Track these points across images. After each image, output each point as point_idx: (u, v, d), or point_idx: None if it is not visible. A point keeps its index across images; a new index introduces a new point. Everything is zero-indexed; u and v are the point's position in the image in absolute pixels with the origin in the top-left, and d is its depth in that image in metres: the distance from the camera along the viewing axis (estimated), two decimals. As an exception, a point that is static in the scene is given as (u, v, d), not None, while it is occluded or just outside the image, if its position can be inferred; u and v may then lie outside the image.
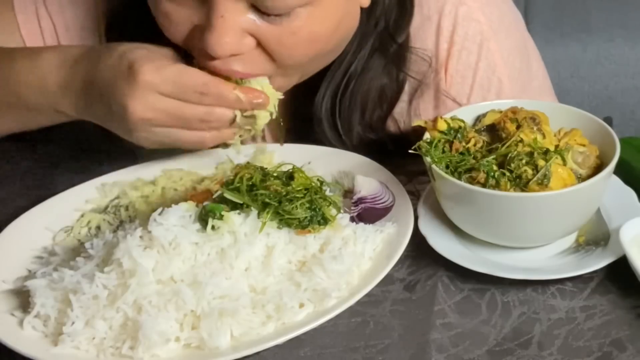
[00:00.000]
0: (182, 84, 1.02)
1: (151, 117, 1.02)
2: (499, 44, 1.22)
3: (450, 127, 1.04)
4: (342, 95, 1.18)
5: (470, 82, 1.22)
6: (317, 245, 0.99)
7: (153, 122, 1.03)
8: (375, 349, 0.92)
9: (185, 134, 1.05)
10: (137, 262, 0.92)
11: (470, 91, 1.23)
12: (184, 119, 1.03)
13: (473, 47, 1.21)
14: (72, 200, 1.13)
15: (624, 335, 0.92)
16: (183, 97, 1.02)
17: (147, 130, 1.04)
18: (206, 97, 1.02)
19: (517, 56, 1.25)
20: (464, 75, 1.22)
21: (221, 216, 0.95)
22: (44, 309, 0.93)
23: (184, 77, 1.02)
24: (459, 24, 1.20)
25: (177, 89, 1.02)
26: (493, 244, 1.02)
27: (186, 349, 0.91)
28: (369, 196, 1.08)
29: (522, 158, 0.98)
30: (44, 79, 1.10)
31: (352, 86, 1.18)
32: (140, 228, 0.96)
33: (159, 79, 1.01)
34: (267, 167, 1.05)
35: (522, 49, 1.27)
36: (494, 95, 1.22)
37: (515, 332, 0.93)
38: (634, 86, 1.77)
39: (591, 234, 1.04)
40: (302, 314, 0.93)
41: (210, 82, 1.02)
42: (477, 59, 1.21)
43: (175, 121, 1.03)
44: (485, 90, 1.22)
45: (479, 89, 1.22)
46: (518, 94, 1.23)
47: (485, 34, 1.21)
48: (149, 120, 1.02)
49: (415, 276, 1.01)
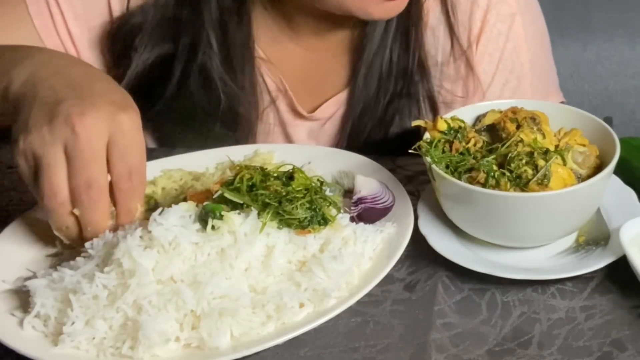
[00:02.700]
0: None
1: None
2: (525, 28, 1.27)
3: (450, 127, 1.04)
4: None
5: (496, 62, 1.27)
6: (317, 245, 0.99)
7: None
8: (375, 349, 0.92)
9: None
10: (137, 262, 0.92)
11: (495, 70, 1.28)
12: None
13: (503, 28, 1.26)
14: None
15: (624, 335, 0.92)
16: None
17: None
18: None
19: (539, 43, 1.31)
20: (492, 54, 1.27)
21: (221, 216, 0.95)
22: (44, 309, 0.93)
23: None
24: (492, 4, 1.25)
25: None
26: (493, 244, 1.02)
27: (186, 349, 0.91)
28: (369, 196, 1.08)
29: (522, 158, 0.98)
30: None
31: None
32: (140, 228, 0.96)
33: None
34: (267, 167, 1.05)
35: (543, 37, 1.33)
36: (515, 79, 1.28)
37: (515, 332, 0.93)
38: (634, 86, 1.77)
39: (591, 234, 1.04)
40: (302, 314, 0.93)
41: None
42: (505, 40, 1.27)
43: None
44: (508, 71, 1.27)
45: (503, 69, 1.27)
46: (536, 81, 1.28)
47: (514, 17, 1.26)
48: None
49: (415, 276, 1.01)
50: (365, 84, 1.26)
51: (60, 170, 0.93)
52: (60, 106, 0.93)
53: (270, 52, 1.29)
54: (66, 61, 1.03)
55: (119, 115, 0.94)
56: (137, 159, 0.95)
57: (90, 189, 0.93)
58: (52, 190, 0.93)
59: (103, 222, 0.96)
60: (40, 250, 1.06)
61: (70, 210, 0.94)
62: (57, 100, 0.94)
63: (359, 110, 1.27)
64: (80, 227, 0.96)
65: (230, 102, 1.26)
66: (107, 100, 0.95)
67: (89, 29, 1.29)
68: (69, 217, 0.95)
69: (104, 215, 0.95)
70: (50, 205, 0.94)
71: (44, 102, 0.95)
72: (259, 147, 1.21)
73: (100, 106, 0.94)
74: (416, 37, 1.24)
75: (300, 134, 1.32)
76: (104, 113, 0.93)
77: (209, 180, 1.14)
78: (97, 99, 0.95)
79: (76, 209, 0.94)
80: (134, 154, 0.95)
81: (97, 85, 0.98)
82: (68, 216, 0.95)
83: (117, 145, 0.94)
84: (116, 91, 0.99)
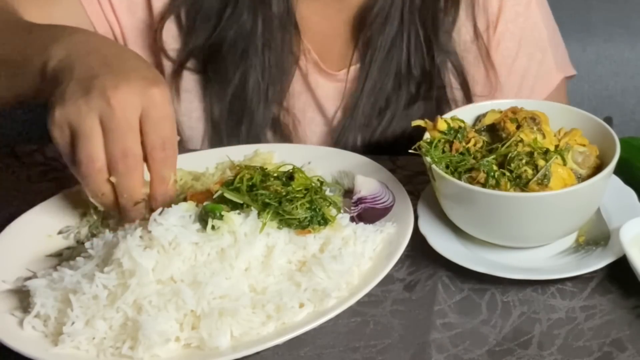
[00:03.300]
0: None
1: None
2: (539, 6, 1.33)
3: (450, 127, 1.05)
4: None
5: (518, 39, 1.32)
6: (317, 245, 0.99)
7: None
8: (375, 349, 0.92)
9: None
10: (137, 262, 0.92)
11: (518, 47, 1.32)
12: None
13: (520, 9, 1.31)
14: (72, 200, 1.13)
15: (624, 335, 0.92)
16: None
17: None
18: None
19: (551, 23, 1.37)
20: (513, 32, 1.31)
21: (221, 216, 0.95)
22: (44, 309, 0.93)
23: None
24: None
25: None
26: (493, 244, 1.02)
27: (186, 349, 0.91)
28: (369, 196, 1.08)
29: (522, 158, 0.99)
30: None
31: None
32: (140, 228, 0.96)
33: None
34: (267, 167, 1.05)
35: (552, 17, 1.38)
36: (540, 52, 1.33)
37: (515, 332, 0.93)
38: (634, 86, 1.77)
39: (591, 234, 1.04)
40: (302, 314, 0.93)
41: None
42: (524, 19, 1.31)
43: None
44: (532, 45, 1.33)
45: (527, 45, 1.32)
46: (556, 54, 1.35)
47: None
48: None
49: (415, 276, 1.01)
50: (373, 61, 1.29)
51: (97, 139, 0.96)
52: (96, 80, 0.97)
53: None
54: (101, 41, 1.08)
55: (150, 89, 0.98)
56: (169, 130, 0.99)
57: (127, 158, 0.97)
58: (90, 158, 0.96)
59: (138, 189, 0.99)
60: (40, 250, 1.06)
61: (107, 177, 0.98)
62: (93, 76, 0.98)
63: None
64: (116, 194, 0.99)
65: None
66: (139, 75, 0.99)
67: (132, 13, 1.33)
68: (106, 184, 0.98)
69: (139, 183, 0.99)
70: (87, 172, 0.97)
71: (80, 77, 0.98)
72: (259, 147, 1.21)
73: (133, 81, 0.98)
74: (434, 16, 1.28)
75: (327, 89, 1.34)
76: (137, 87, 0.97)
77: (209, 180, 1.14)
78: (130, 74, 0.99)
79: (112, 177, 0.97)
80: (166, 126, 0.98)
81: (129, 63, 1.02)
82: (105, 183, 0.98)
83: (149, 117, 0.98)
84: (148, 68, 1.03)
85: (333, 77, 1.32)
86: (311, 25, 1.31)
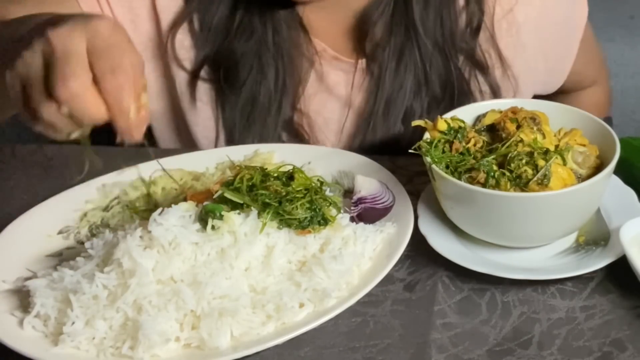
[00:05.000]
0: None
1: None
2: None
3: (450, 127, 1.04)
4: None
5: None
6: (317, 245, 0.99)
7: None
8: (375, 349, 0.92)
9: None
10: (137, 262, 0.92)
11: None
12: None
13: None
14: (72, 201, 1.13)
15: (624, 335, 0.92)
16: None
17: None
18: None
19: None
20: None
21: (221, 216, 0.95)
22: (44, 309, 0.93)
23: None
24: None
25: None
26: (493, 244, 1.02)
27: (186, 349, 0.91)
28: (369, 196, 1.08)
29: (522, 158, 0.98)
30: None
31: None
32: (140, 228, 0.96)
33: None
34: (267, 167, 1.05)
35: None
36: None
37: (515, 332, 0.93)
38: (634, 86, 1.77)
39: (591, 234, 1.04)
40: (302, 314, 0.93)
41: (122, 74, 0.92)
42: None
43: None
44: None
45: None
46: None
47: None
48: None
49: (415, 276, 1.01)
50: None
51: (38, 77, 0.92)
52: (40, 31, 0.93)
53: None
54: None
55: (92, 21, 0.94)
56: (118, 56, 0.93)
57: (67, 82, 0.90)
58: (35, 95, 0.91)
59: (94, 113, 0.92)
60: (40, 250, 1.06)
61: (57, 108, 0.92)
62: (38, 29, 0.94)
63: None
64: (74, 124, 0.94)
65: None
66: (82, 16, 0.95)
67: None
68: (58, 114, 0.92)
69: (91, 105, 0.91)
70: (38, 108, 0.92)
71: (32, 33, 0.95)
72: (259, 147, 1.21)
73: (74, 19, 0.94)
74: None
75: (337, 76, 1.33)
76: (77, 24, 0.93)
77: (209, 180, 1.14)
78: (73, 17, 0.95)
79: (63, 107, 0.91)
80: (114, 53, 0.93)
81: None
82: (56, 114, 0.92)
83: (94, 47, 0.92)
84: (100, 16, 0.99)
85: (351, 69, 1.31)
86: (321, 29, 1.30)
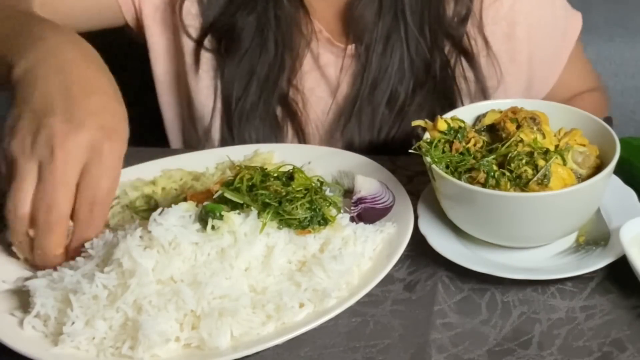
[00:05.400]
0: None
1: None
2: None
3: (450, 127, 1.04)
4: None
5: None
6: (317, 245, 0.99)
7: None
8: (375, 349, 0.92)
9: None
10: (137, 262, 0.92)
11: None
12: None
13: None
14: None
15: (624, 335, 0.92)
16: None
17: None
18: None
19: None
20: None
21: (221, 216, 0.95)
22: (44, 309, 0.93)
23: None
24: None
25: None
26: (493, 244, 1.02)
27: (186, 349, 0.91)
28: (369, 196, 1.08)
29: (522, 158, 0.98)
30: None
31: None
32: (140, 228, 0.96)
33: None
34: (267, 167, 1.05)
35: None
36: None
37: (515, 332, 0.93)
38: (634, 86, 1.77)
39: (591, 234, 1.04)
40: (302, 314, 0.93)
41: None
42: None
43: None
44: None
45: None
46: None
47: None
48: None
49: (415, 276, 1.01)
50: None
51: (28, 184, 0.94)
52: (49, 119, 0.94)
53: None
54: (71, 56, 1.01)
55: (101, 143, 0.94)
56: (105, 189, 0.95)
57: (50, 213, 0.93)
58: (15, 202, 0.94)
59: (54, 250, 0.96)
60: (40, 250, 1.06)
61: (27, 228, 0.95)
62: (48, 110, 0.95)
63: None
64: (32, 248, 0.97)
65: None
66: (96, 123, 0.95)
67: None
68: (24, 234, 0.96)
69: (56, 243, 0.95)
70: (9, 216, 0.95)
71: (36, 108, 0.96)
72: (259, 147, 1.21)
73: (85, 131, 0.94)
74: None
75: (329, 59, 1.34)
76: (86, 139, 0.94)
77: (209, 180, 1.14)
78: (86, 120, 0.95)
79: (31, 230, 0.95)
80: (102, 184, 0.95)
81: (92, 100, 0.97)
82: (23, 233, 0.96)
83: (89, 173, 0.94)
84: (110, 110, 0.98)
85: (340, 54, 1.32)
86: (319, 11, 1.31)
